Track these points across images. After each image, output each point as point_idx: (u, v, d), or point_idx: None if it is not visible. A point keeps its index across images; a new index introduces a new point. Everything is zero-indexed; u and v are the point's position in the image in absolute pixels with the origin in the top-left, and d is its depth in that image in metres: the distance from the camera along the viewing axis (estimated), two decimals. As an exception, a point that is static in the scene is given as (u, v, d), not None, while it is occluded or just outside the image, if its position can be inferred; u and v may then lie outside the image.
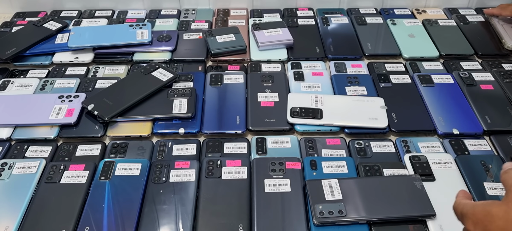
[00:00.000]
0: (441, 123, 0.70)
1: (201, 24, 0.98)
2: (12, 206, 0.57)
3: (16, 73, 0.84)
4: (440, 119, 0.71)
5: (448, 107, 0.73)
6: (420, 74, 0.80)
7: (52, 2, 1.05)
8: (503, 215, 0.38)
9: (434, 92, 0.76)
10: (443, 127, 0.69)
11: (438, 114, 0.72)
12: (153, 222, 0.55)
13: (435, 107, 0.73)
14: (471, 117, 0.71)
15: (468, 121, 0.71)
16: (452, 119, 0.71)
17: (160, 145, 0.67)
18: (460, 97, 0.75)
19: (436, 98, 0.75)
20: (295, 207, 0.57)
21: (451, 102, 0.74)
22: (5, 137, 0.68)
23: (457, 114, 0.72)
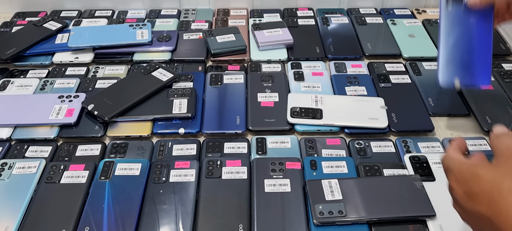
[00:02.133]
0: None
1: (201, 24, 0.98)
2: (12, 206, 0.57)
3: (16, 73, 0.84)
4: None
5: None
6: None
7: (52, 2, 1.05)
8: (489, 178, 0.37)
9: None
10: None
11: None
12: (153, 222, 0.55)
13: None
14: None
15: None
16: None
17: (160, 145, 0.67)
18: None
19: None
20: (295, 207, 0.57)
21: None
22: (5, 137, 0.68)
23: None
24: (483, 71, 0.63)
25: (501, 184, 0.36)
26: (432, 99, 0.76)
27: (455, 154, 0.43)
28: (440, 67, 0.63)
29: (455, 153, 0.43)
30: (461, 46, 0.62)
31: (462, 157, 0.42)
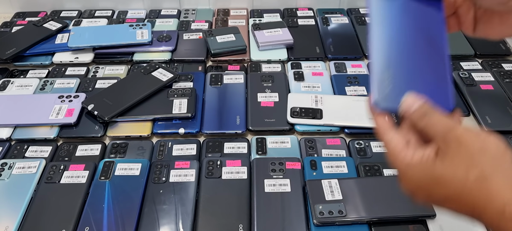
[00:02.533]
0: None
1: (201, 24, 0.98)
2: (12, 206, 0.57)
3: (16, 73, 0.84)
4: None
5: None
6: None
7: (52, 2, 1.05)
8: (450, 179, 0.33)
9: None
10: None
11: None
12: (153, 222, 0.55)
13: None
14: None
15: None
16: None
17: (160, 145, 0.67)
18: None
19: None
20: (295, 207, 0.57)
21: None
22: (5, 137, 0.68)
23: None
24: (441, 91, 0.41)
25: (465, 181, 0.32)
26: (432, 99, 0.76)
27: (396, 146, 0.37)
28: (375, 86, 0.40)
29: (396, 144, 0.37)
30: (403, 55, 0.41)
31: (406, 152, 0.36)
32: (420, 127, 0.36)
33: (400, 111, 0.37)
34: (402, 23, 0.42)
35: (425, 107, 0.36)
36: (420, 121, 0.35)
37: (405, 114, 0.37)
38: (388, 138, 0.38)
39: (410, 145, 0.36)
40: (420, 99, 0.36)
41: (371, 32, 0.42)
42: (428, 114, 0.35)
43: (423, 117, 0.35)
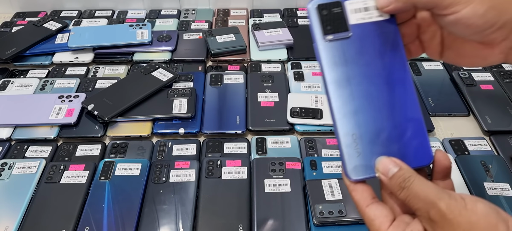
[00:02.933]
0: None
1: (201, 24, 0.98)
2: (12, 206, 0.57)
3: (16, 73, 0.84)
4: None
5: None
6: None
7: (52, 2, 1.05)
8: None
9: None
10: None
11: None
12: (153, 222, 0.55)
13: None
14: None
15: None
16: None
17: (160, 145, 0.67)
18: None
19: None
20: (295, 207, 0.57)
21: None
22: (5, 137, 0.68)
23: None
24: (416, 142, 0.37)
25: None
26: (432, 99, 0.76)
27: (379, 228, 0.33)
28: (343, 155, 0.36)
29: (379, 225, 0.33)
30: (367, 110, 0.36)
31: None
32: (401, 199, 0.33)
33: (378, 177, 0.35)
34: (359, 68, 0.37)
35: (401, 176, 0.33)
36: (399, 193, 0.33)
37: (383, 181, 0.34)
38: (370, 215, 0.34)
39: (395, 226, 0.33)
40: (395, 164, 0.33)
41: (327, 87, 0.37)
42: (406, 186, 0.32)
43: (401, 189, 0.32)
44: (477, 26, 0.34)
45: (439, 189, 0.32)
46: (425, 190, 0.32)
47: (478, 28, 0.35)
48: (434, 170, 0.36)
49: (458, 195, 0.31)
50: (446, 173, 0.36)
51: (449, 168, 0.36)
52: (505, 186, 0.59)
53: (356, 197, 0.35)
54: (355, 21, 0.38)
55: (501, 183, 0.59)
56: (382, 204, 0.35)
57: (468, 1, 0.34)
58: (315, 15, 0.38)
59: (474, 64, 0.40)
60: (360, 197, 0.35)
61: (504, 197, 0.58)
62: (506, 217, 0.31)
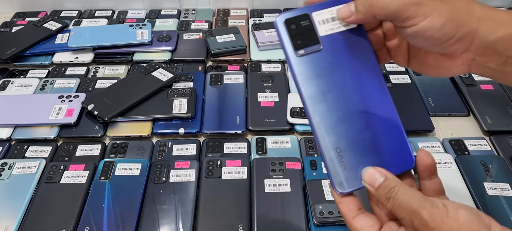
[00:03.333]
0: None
1: (201, 24, 0.98)
2: (12, 206, 0.57)
3: (16, 73, 0.84)
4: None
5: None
6: None
7: (52, 2, 1.05)
8: None
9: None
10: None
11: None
12: (153, 222, 0.55)
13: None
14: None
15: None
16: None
17: (160, 145, 0.67)
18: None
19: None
20: (295, 207, 0.57)
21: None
22: (5, 137, 0.68)
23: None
24: (398, 149, 0.37)
25: None
26: (432, 99, 0.76)
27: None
28: (329, 170, 0.36)
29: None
30: (347, 122, 0.37)
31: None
32: (388, 209, 0.34)
33: (365, 187, 0.35)
34: (333, 80, 0.37)
35: (387, 186, 0.33)
36: (386, 203, 0.33)
37: (370, 191, 0.35)
38: (357, 227, 0.35)
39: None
40: (380, 173, 0.34)
41: (304, 103, 0.37)
42: (392, 197, 0.33)
43: (387, 199, 0.33)
44: (435, 38, 0.35)
45: (422, 198, 0.32)
46: (408, 200, 0.32)
47: (436, 40, 0.35)
48: (419, 170, 0.37)
49: (441, 202, 0.32)
50: (431, 171, 0.37)
51: (433, 166, 0.36)
52: (505, 186, 0.59)
53: (342, 209, 0.36)
54: (324, 32, 0.37)
55: (501, 183, 0.60)
56: (368, 215, 0.36)
57: (426, 14, 0.34)
58: (284, 31, 0.37)
59: (438, 74, 0.40)
60: (346, 209, 0.36)
61: (504, 197, 0.58)
62: (488, 222, 0.31)
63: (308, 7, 0.38)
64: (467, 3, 0.35)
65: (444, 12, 0.34)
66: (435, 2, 0.34)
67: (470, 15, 0.34)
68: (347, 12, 0.36)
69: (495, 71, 0.36)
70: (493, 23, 0.34)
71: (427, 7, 0.34)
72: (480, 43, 0.34)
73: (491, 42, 0.34)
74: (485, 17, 0.34)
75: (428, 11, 0.34)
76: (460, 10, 0.34)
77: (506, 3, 1.06)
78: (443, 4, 0.34)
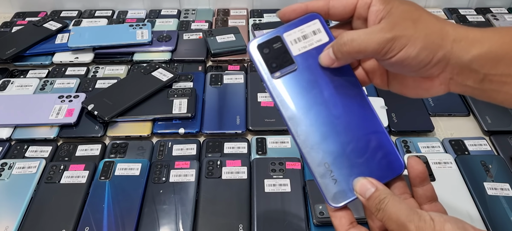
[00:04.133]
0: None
1: (201, 24, 0.98)
2: (12, 206, 0.57)
3: (16, 73, 0.84)
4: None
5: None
6: None
7: (52, 2, 1.05)
8: None
9: None
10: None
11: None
12: (153, 222, 0.55)
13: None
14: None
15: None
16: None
17: (160, 145, 0.67)
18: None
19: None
20: (295, 207, 0.57)
21: None
22: (5, 137, 0.68)
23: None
24: (386, 157, 0.37)
25: None
26: (432, 99, 0.76)
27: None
28: (320, 186, 0.37)
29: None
30: (333, 136, 0.37)
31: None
32: (379, 219, 0.34)
33: (358, 197, 0.35)
34: (312, 97, 0.37)
35: (377, 197, 0.34)
36: (376, 214, 0.34)
37: (362, 202, 0.35)
38: None
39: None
40: (371, 184, 0.34)
41: (287, 124, 0.37)
42: (381, 208, 0.33)
43: (377, 211, 0.33)
44: (412, 66, 0.35)
45: (410, 211, 0.32)
46: (397, 212, 0.32)
47: (413, 67, 0.35)
48: (410, 177, 0.37)
49: (429, 215, 0.32)
50: (422, 178, 0.37)
51: (424, 173, 0.37)
52: (505, 186, 0.59)
53: (335, 223, 0.37)
54: (297, 51, 0.38)
55: (501, 183, 0.59)
56: (360, 228, 0.36)
57: (401, 46, 0.34)
58: (258, 55, 0.38)
59: (418, 95, 0.40)
60: (338, 223, 0.36)
61: (504, 197, 0.58)
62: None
63: (279, 29, 0.39)
64: (440, 27, 0.35)
65: (418, 40, 0.34)
66: (408, 31, 0.34)
67: (444, 39, 0.34)
68: (329, 60, 0.37)
69: (473, 89, 0.36)
70: (467, 43, 0.34)
71: (402, 39, 0.34)
72: (455, 64, 0.35)
73: (467, 62, 0.34)
74: (459, 38, 0.34)
75: (403, 42, 0.34)
76: (433, 35, 0.34)
77: (506, 3, 1.06)
78: (416, 32, 0.34)
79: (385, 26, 0.35)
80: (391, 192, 0.34)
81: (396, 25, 0.34)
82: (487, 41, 0.34)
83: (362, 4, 0.37)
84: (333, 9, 0.38)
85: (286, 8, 0.39)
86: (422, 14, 0.35)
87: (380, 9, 0.36)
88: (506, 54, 0.34)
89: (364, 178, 0.35)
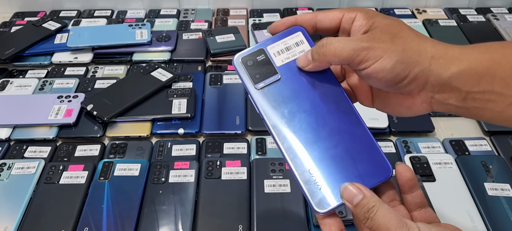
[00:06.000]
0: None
1: (201, 24, 0.98)
2: (11, 206, 0.57)
3: (15, 73, 0.84)
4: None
5: None
6: None
7: (51, 2, 1.05)
8: None
9: None
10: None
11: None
12: (153, 222, 0.55)
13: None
14: None
15: None
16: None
17: (160, 145, 0.67)
18: None
19: None
20: (295, 207, 0.56)
21: None
22: (4, 137, 0.68)
23: None
24: (373, 161, 0.37)
25: None
26: (432, 100, 0.75)
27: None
28: (306, 193, 0.36)
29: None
30: (317, 143, 0.37)
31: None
32: (367, 228, 0.33)
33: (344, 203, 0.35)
34: (296, 105, 0.38)
35: (365, 205, 0.33)
36: (364, 222, 0.33)
37: (349, 208, 0.35)
38: None
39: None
40: (359, 190, 0.33)
41: (271, 132, 0.37)
42: (370, 217, 0.32)
43: (366, 219, 0.32)
44: (388, 79, 0.35)
45: (399, 221, 0.32)
46: (386, 222, 0.32)
47: (389, 81, 0.35)
48: (399, 184, 0.37)
49: (416, 225, 0.31)
50: (411, 185, 0.37)
51: (413, 179, 0.37)
52: (505, 186, 0.59)
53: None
54: (281, 62, 0.39)
55: (501, 183, 0.59)
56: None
57: (377, 57, 0.34)
58: (242, 68, 0.39)
59: (400, 113, 0.40)
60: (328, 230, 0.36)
61: (505, 197, 0.57)
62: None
63: (262, 42, 0.40)
64: (418, 43, 0.35)
65: (394, 53, 0.34)
66: (386, 44, 0.34)
67: (422, 55, 0.34)
68: (305, 61, 0.38)
69: (457, 107, 0.36)
70: (446, 60, 0.34)
71: (378, 50, 0.34)
72: (435, 81, 0.35)
73: (447, 79, 0.34)
74: (438, 55, 0.34)
75: (379, 53, 0.34)
76: (410, 50, 0.34)
77: (507, 3, 1.05)
78: (393, 45, 0.34)
79: (364, 37, 0.35)
80: (379, 200, 0.33)
81: (375, 38, 0.35)
82: (466, 58, 0.34)
83: (347, 18, 0.38)
84: (320, 23, 0.39)
85: (276, 22, 0.40)
86: (403, 29, 0.36)
87: (363, 24, 0.36)
88: (487, 71, 0.33)
89: (351, 183, 0.34)
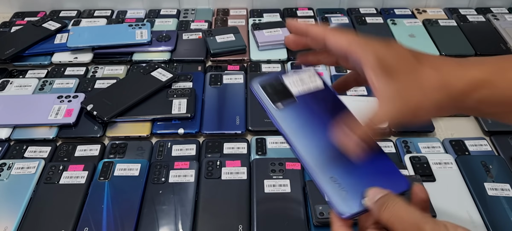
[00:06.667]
0: None
1: (201, 24, 0.98)
2: (11, 206, 0.57)
3: (15, 73, 0.84)
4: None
5: None
6: None
7: (51, 2, 1.05)
8: None
9: None
10: None
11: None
12: (153, 222, 0.55)
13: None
14: None
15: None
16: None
17: (160, 145, 0.67)
18: None
19: None
20: (295, 207, 0.56)
21: None
22: (4, 137, 0.68)
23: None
24: (390, 175, 0.39)
25: None
26: (432, 100, 0.75)
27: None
28: (331, 198, 0.37)
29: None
30: (336, 156, 0.39)
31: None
32: (384, 221, 0.33)
33: (367, 205, 0.35)
34: (315, 124, 0.40)
35: (386, 199, 0.34)
36: (383, 214, 0.33)
37: (370, 208, 0.35)
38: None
39: None
40: (382, 191, 0.35)
41: (293, 148, 0.40)
42: (390, 206, 0.33)
43: (384, 209, 0.33)
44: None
45: (423, 214, 0.32)
46: (410, 214, 0.32)
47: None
48: (413, 202, 0.38)
49: (441, 222, 0.32)
50: (424, 206, 0.37)
51: (427, 201, 0.37)
52: (505, 186, 0.59)
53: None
54: (296, 91, 0.42)
55: (501, 184, 0.59)
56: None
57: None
58: (261, 92, 0.42)
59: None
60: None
61: (505, 198, 0.57)
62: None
63: (277, 73, 0.43)
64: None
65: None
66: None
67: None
68: (353, 147, 0.38)
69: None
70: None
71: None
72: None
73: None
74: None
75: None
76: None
77: (507, 3, 1.05)
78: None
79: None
80: (401, 197, 0.34)
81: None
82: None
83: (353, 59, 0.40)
84: (327, 41, 0.41)
85: (290, 20, 0.45)
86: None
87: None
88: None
89: (375, 187, 0.35)
